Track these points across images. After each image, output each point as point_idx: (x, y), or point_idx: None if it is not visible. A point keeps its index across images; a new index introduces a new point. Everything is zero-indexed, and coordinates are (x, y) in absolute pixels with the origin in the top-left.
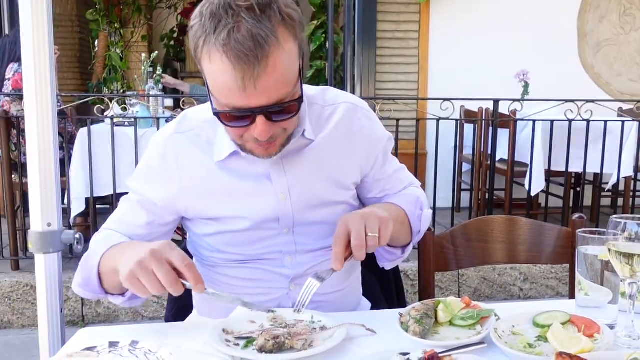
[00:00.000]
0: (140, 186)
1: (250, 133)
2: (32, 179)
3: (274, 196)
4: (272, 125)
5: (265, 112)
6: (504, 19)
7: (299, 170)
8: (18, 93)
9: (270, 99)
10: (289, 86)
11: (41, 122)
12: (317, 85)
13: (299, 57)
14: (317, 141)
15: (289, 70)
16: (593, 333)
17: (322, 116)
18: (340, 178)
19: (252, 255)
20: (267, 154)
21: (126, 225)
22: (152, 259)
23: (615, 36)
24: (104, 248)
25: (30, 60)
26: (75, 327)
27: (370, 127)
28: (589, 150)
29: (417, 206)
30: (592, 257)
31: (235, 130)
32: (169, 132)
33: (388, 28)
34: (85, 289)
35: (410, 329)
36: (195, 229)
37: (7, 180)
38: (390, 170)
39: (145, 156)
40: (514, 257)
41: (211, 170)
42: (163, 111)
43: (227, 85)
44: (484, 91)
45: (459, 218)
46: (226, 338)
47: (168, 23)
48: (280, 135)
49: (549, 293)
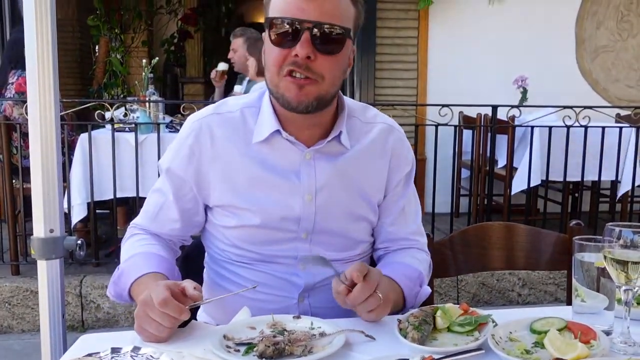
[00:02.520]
0: (171, 161)
1: (291, 58)
2: (35, 186)
3: (300, 196)
4: (313, 51)
5: (312, 29)
6: (502, 25)
7: (329, 175)
8: (21, 97)
9: (321, 16)
10: (341, 18)
11: (44, 129)
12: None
13: (355, 21)
14: (351, 152)
15: (346, 9)
16: (589, 339)
17: (359, 131)
18: (367, 193)
19: (267, 255)
20: (298, 99)
21: (160, 222)
22: (144, 309)
23: (612, 42)
24: (134, 273)
25: (34, 66)
26: (74, 332)
27: (401, 149)
28: (587, 157)
29: (417, 282)
30: (588, 264)
31: (278, 52)
32: (207, 112)
33: (387, 34)
34: (119, 299)
35: (409, 335)
36: (215, 220)
37: (8, 185)
38: (407, 209)
39: (180, 134)
40: (513, 263)
41: (244, 154)
42: (163, 117)
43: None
44: (482, 97)
45: (457, 223)
46: (227, 344)
47: (168, 28)
48: (317, 77)
49: (548, 299)
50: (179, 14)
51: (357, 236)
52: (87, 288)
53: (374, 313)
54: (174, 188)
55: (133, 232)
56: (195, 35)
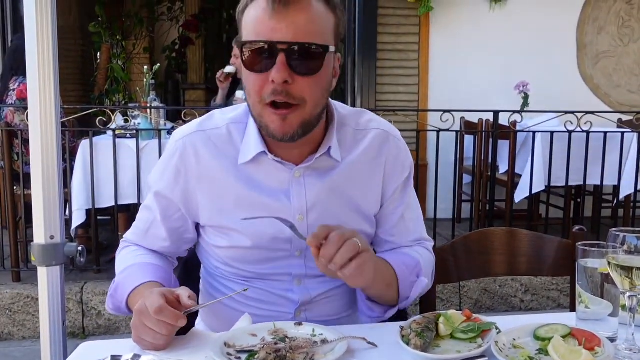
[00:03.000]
0: (158, 182)
1: (269, 85)
2: (35, 192)
3: (291, 216)
4: (290, 74)
5: (288, 50)
6: (503, 31)
7: (320, 193)
8: (22, 103)
9: (296, 35)
10: (318, 33)
11: (45, 135)
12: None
13: (334, 33)
14: (343, 165)
15: (323, 20)
16: (594, 346)
17: (351, 140)
18: (361, 206)
19: (261, 274)
20: (282, 130)
21: (150, 240)
22: (140, 318)
23: (614, 48)
24: (129, 284)
25: (35, 72)
26: (75, 339)
27: (397, 155)
28: (588, 162)
29: (414, 272)
30: (592, 269)
31: (255, 78)
32: (191, 130)
33: (388, 40)
34: (118, 312)
35: (412, 342)
36: (207, 238)
37: (9, 191)
38: (407, 216)
39: (165, 152)
40: (515, 269)
41: (231, 175)
42: (165, 123)
43: (259, 11)
44: (484, 103)
45: (459, 229)
46: (228, 351)
47: (170, 35)
48: (298, 101)
49: (550, 305)
50: (180, 20)
51: None
52: (88, 295)
53: (354, 262)
54: (161, 208)
55: (125, 246)
56: (196, 42)
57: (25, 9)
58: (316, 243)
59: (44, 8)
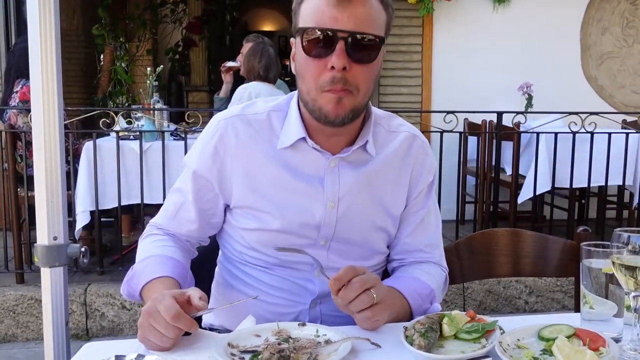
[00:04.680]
0: (196, 162)
1: (327, 73)
2: (38, 193)
3: (322, 203)
4: (349, 62)
5: (347, 39)
6: (507, 31)
7: (352, 184)
8: (25, 105)
9: (355, 25)
10: (375, 25)
11: (48, 137)
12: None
13: (385, 28)
14: (375, 160)
15: (377, 17)
16: (598, 346)
17: (384, 139)
18: (388, 203)
19: (283, 260)
20: (335, 112)
21: (178, 222)
22: (148, 320)
23: (618, 48)
24: (145, 276)
25: (38, 75)
26: (79, 341)
27: (424, 159)
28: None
29: (428, 300)
30: (596, 270)
31: (314, 64)
32: (234, 113)
33: (391, 41)
34: (131, 298)
35: (415, 342)
36: (234, 221)
37: (13, 194)
38: (427, 220)
39: (205, 132)
40: (519, 270)
41: (269, 157)
42: (168, 125)
43: (322, 2)
44: (487, 104)
45: (463, 230)
46: (231, 352)
47: (173, 37)
48: (353, 89)
49: (555, 306)
50: (183, 22)
51: (375, 246)
52: (92, 296)
53: (368, 312)
54: (195, 189)
55: (151, 232)
56: (199, 44)
57: (29, 11)
58: (336, 288)
59: (47, 10)
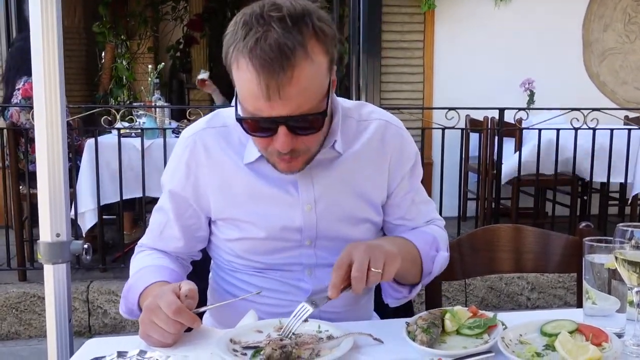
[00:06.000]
0: (171, 181)
1: (273, 145)
2: (41, 190)
3: (299, 206)
4: (294, 139)
5: (288, 123)
6: (509, 28)
7: (326, 183)
8: (27, 102)
9: (293, 110)
10: (314, 100)
11: (51, 134)
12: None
13: (329, 72)
14: (346, 155)
15: (316, 84)
16: (601, 342)
17: (355, 131)
18: (368, 194)
19: (272, 264)
20: (288, 170)
21: (164, 241)
22: (149, 316)
23: (620, 45)
24: (141, 284)
25: (40, 71)
26: (82, 338)
27: (401, 145)
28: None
29: (433, 246)
30: (599, 265)
31: (259, 140)
32: (200, 127)
33: (393, 38)
34: (131, 316)
35: (418, 338)
36: (218, 233)
37: (15, 191)
38: (417, 199)
39: (175, 150)
40: (521, 266)
41: (240, 168)
42: (169, 122)
43: (252, 93)
44: (489, 100)
45: (465, 227)
46: (233, 348)
47: (174, 34)
48: (303, 152)
49: (557, 302)
50: (184, 20)
51: (362, 237)
52: (94, 293)
53: (384, 275)
54: (174, 206)
55: (140, 251)
56: (201, 41)
57: (31, 9)
58: (340, 290)
59: (49, 8)
